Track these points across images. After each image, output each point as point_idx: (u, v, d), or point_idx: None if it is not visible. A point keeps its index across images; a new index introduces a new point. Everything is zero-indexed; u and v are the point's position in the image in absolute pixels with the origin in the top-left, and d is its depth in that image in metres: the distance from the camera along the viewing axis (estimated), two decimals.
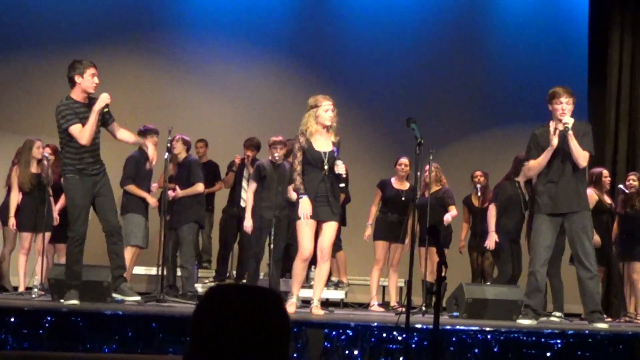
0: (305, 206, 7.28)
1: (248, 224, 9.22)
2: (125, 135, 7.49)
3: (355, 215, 10.65)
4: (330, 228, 7.45)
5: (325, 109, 7.41)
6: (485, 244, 9.47)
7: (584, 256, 7.40)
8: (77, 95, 7.16)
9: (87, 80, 7.10)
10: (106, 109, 7.16)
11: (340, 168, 7.32)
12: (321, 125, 7.41)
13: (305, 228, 7.36)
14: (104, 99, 7.10)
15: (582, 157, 7.36)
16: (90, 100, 7.16)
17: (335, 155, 7.38)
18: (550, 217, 7.47)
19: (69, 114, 7.07)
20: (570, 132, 7.28)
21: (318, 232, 7.46)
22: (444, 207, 9.89)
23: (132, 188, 9.20)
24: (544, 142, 7.46)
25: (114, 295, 7.28)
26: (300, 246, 7.42)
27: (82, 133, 7.04)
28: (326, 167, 7.36)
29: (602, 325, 7.31)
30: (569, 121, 7.29)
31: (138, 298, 7.37)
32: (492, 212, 9.49)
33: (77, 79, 7.12)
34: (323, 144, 7.42)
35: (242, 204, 10.30)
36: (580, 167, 7.43)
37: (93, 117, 7.06)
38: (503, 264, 9.51)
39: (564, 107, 7.36)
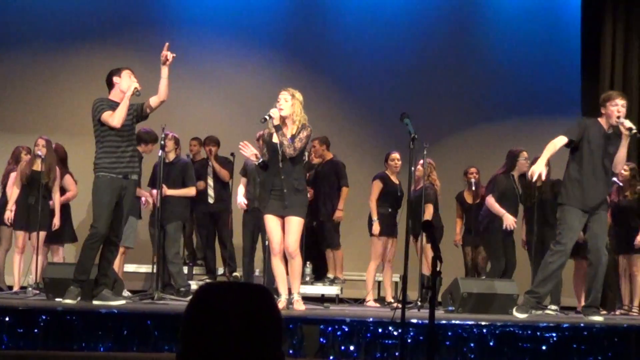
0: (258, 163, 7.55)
1: (240, 200, 9.33)
2: (153, 100, 7.39)
3: (350, 210, 10.64)
4: (290, 223, 7.30)
5: (278, 99, 7.40)
6: (505, 226, 9.16)
7: (602, 251, 7.49)
8: (114, 96, 7.27)
9: (125, 79, 7.24)
10: (138, 93, 7.19)
11: (271, 112, 7.33)
12: (280, 118, 7.37)
13: (268, 223, 7.39)
14: (132, 84, 7.20)
15: (623, 165, 7.60)
16: None
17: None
18: (582, 212, 7.46)
19: (105, 104, 7.18)
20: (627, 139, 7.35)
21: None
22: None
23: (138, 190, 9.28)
24: (590, 137, 7.41)
25: (94, 302, 7.11)
26: (269, 242, 7.47)
27: (112, 116, 7.11)
28: (280, 159, 7.31)
29: (597, 318, 7.34)
30: (634, 126, 7.30)
31: (122, 302, 7.28)
32: (492, 200, 9.35)
33: (115, 79, 7.27)
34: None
35: (210, 200, 10.40)
36: (615, 172, 7.57)
37: (125, 101, 7.15)
38: (495, 258, 9.49)
39: (620, 109, 7.36)
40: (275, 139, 7.34)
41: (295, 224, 7.30)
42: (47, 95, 12.31)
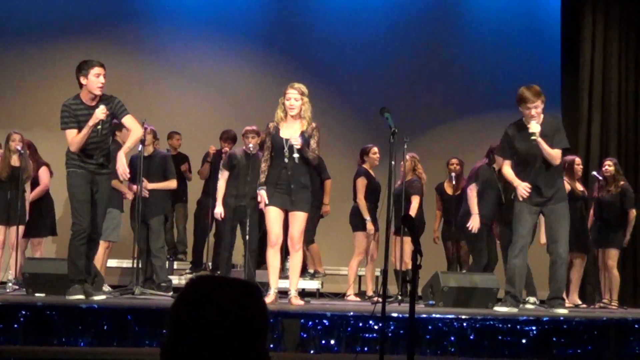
0: (261, 198, 7.44)
1: (218, 210, 9.22)
2: (129, 124, 7.22)
3: (331, 205, 10.63)
4: (295, 218, 7.39)
5: (287, 98, 7.39)
6: (468, 225, 9.18)
7: (559, 243, 7.51)
8: (84, 96, 7.05)
9: (92, 80, 6.94)
10: (99, 126, 6.98)
11: (293, 140, 7.26)
12: (288, 114, 7.40)
13: (269, 215, 7.40)
14: (98, 115, 6.91)
15: (554, 157, 7.49)
16: (99, 102, 7.02)
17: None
18: (529, 205, 7.55)
19: (67, 116, 7.00)
20: (539, 139, 7.39)
21: (288, 222, 7.46)
22: (407, 197, 9.81)
23: (115, 182, 9.18)
24: (516, 144, 7.59)
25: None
26: (267, 233, 7.46)
27: (73, 140, 6.97)
28: (286, 154, 7.32)
29: (561, 311, 7.39)
30: (535, 130, 7.40)
31: (103, 297, 7.26)
32: (472, 192, 9.30)
33: (82, 80, 6.98)
34: (290, 132, 7.36)
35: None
36: (554, 166, 7.52)
37: (85, 131, 6.94)
38: (478, 253, 9.49)
39: (532, 113, 7.48)
40: (283, 134, 7.36)
41: (302, 218, 7.43)
42: (27, 90, 12.24)
